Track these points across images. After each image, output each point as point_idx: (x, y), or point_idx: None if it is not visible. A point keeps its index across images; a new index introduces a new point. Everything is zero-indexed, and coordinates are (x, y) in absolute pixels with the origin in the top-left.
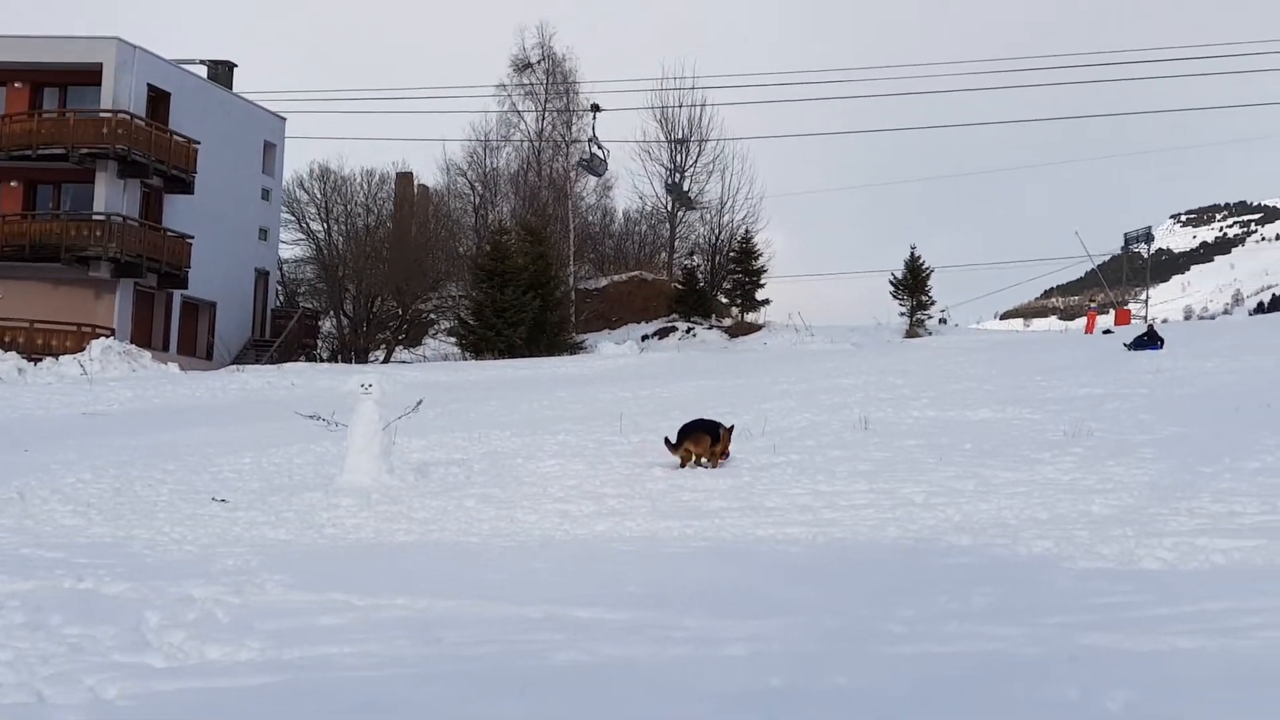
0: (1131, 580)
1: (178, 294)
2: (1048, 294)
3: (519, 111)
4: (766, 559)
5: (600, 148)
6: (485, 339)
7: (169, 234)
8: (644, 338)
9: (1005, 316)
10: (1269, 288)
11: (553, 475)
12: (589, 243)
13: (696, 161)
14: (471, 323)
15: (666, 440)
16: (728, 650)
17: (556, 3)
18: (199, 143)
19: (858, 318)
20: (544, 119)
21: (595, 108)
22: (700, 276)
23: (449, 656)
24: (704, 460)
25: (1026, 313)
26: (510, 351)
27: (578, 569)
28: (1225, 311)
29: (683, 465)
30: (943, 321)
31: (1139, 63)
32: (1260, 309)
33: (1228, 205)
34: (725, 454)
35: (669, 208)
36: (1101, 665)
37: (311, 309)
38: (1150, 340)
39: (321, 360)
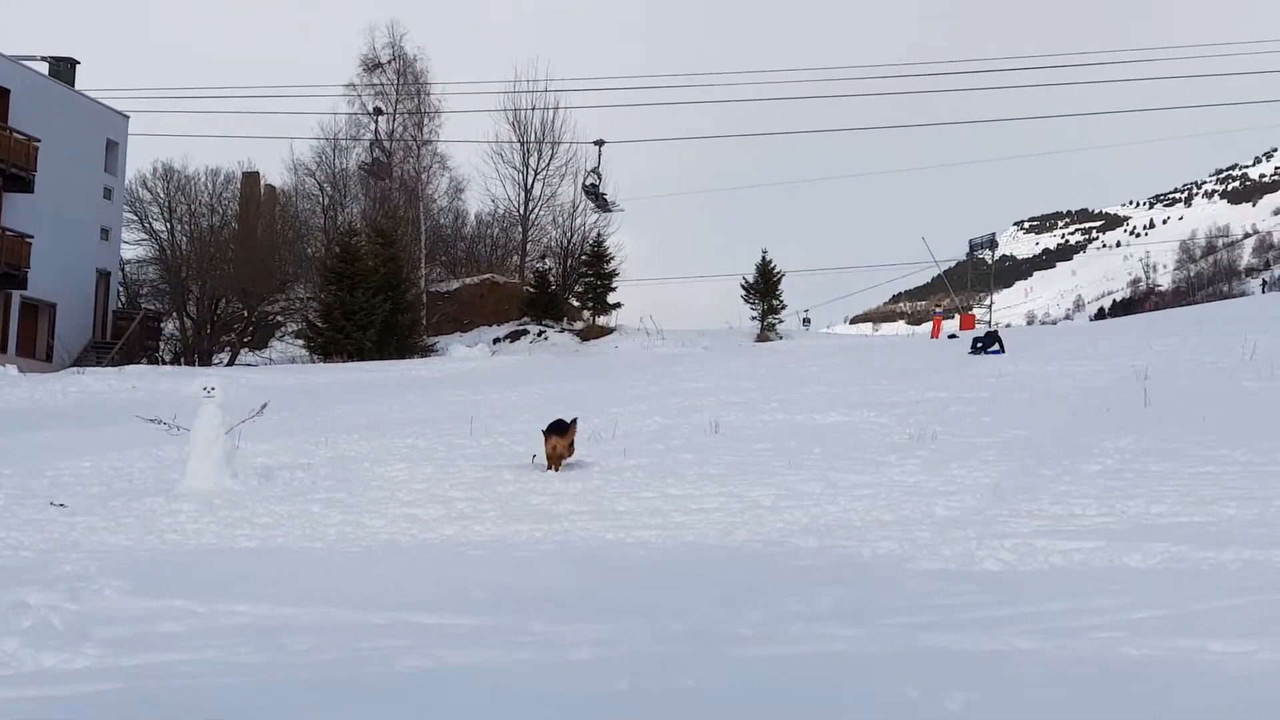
0: (972, 581)
1: (16, 294)
2: (896, 299)
3: (369, 112)
4: (615, 563)
5: (384, 151)
6: (334, 341)
7: (8, 233)
8: (495, 340)
9: (855, 321)
10: (1109, 294)
11: (401, 479)
12: (441, 245)
13: (549, 164)
14: (320, 325)
15: (544, 431)
16: (574, 654)
17: (408, 2)
18: (39, 140)
19: (709, 321)
20: (395, 120)
21: (378, 110)
22: (552, 280)
23: (290, 664)
24: (555, 464)
25: (875, 317)
26: (360, 354)
27: (424, 574)
28: (1067, 316)
29: (550, 459)
30: (805, 323)
31: (983, 72)
32: (1100, 314)
33: (1070, 212)
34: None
35: (528, 214)
36: (942, 665)
37: (154, 311)
38: (989, 343)
39: (164, 363)
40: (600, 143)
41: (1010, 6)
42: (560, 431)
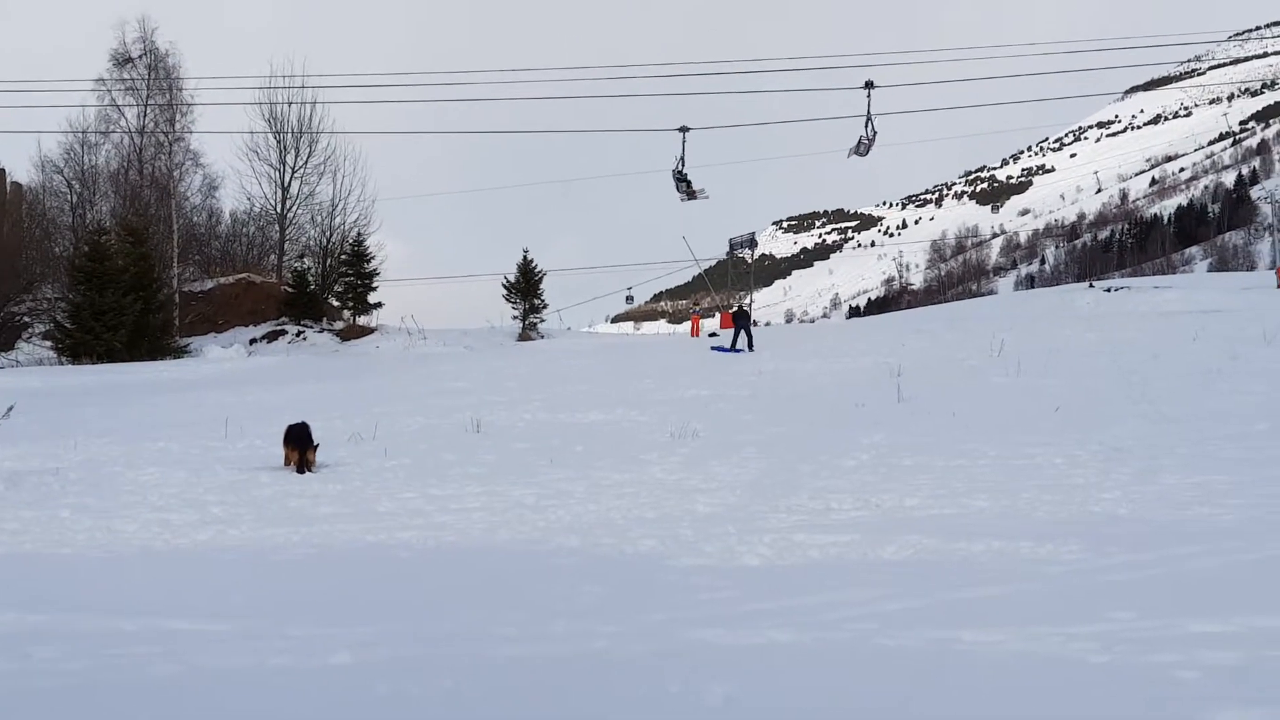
0: (733, 576)
1: None
2: (657, 298)
3: (119, 107)
4: (376, 564)
5: None
6: (83, 343)
7: None
8: (252, 341)
9: (617, 320)
10: (864, 292)
11: (153, 483)
12: (194, 244)
13: (307, 162)
14: (68, 326)
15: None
16: (333, 659)
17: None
18: None
19: (472, 321)
20: (146, 115)
21: None
22: (311, 279)
23: (37, 672)
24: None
25: (637, 316)
26: (110, 356)
27: (177, 579)
28: (824, 314)
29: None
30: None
31: (743, 74)
32: (856, 312)
33: (826, 212)
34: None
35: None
36: (702, 660)
37: None
38: (735, 332)
39: None
40: (685, 129)
41: (773, 10)
42: (306, 442)
